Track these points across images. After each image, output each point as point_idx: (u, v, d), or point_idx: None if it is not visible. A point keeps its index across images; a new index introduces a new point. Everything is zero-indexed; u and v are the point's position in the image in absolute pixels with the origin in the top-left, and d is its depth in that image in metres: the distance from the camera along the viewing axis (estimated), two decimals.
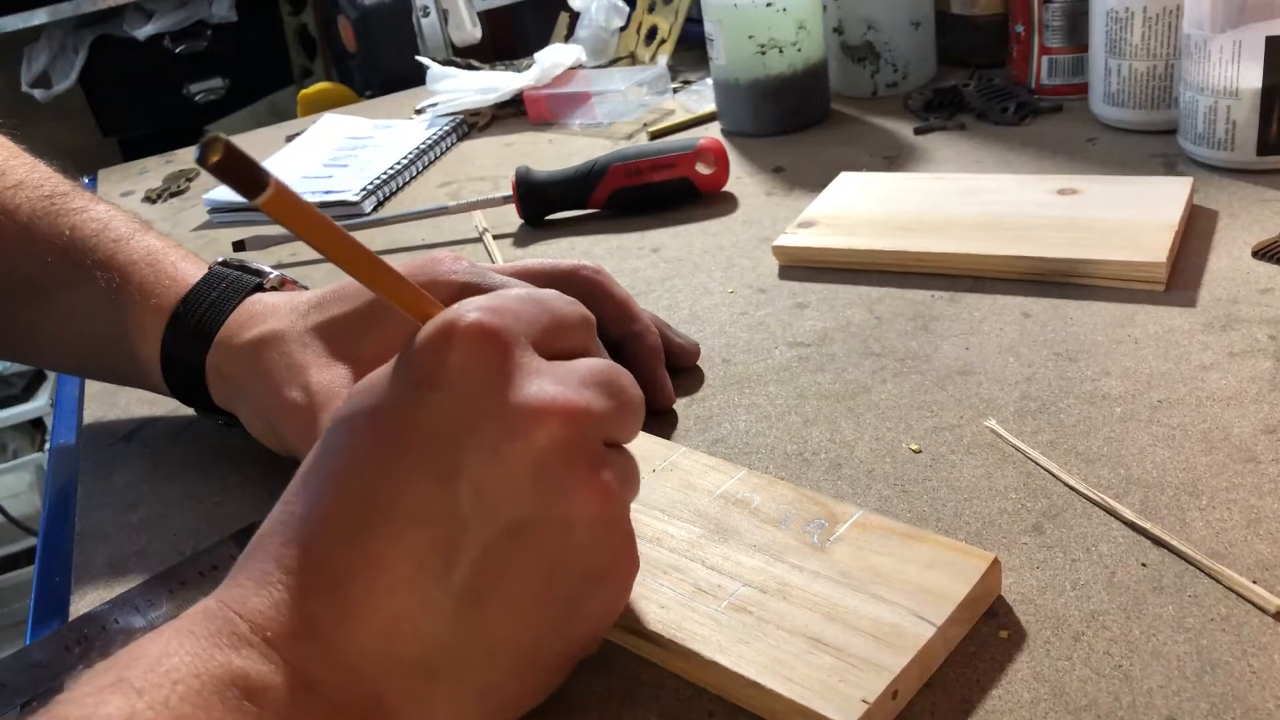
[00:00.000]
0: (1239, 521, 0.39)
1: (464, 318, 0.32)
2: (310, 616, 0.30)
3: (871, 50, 0.88)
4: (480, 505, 0.31)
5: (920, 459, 0.45)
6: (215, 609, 0.30)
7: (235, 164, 0.27)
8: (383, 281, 0.33)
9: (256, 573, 0.31)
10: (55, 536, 0.52)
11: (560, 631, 0.34)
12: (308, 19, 2.09)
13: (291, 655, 0.30)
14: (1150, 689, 0.33)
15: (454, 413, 0.31)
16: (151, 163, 1.07)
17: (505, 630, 0.32)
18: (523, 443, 0.31)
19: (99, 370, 0.57)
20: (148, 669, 0.28)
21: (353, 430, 0.32)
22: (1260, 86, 0.61)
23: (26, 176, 0.55)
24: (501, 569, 0.31)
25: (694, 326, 0.59)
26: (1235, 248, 0.57)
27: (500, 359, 0.32)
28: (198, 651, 0.29)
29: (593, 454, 0.33)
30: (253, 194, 0.28)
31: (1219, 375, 0.47)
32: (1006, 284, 0.57)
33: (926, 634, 0.34)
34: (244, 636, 0.29)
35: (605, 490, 0.32)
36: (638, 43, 1.08)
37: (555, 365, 0.33)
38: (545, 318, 0.35)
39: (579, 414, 0.32)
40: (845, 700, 0.33)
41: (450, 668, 0.31)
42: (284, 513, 0.32)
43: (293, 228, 0.30)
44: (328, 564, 0.30)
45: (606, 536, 0.33)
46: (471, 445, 0.31)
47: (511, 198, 0.75)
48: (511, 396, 0.31)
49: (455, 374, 0.32)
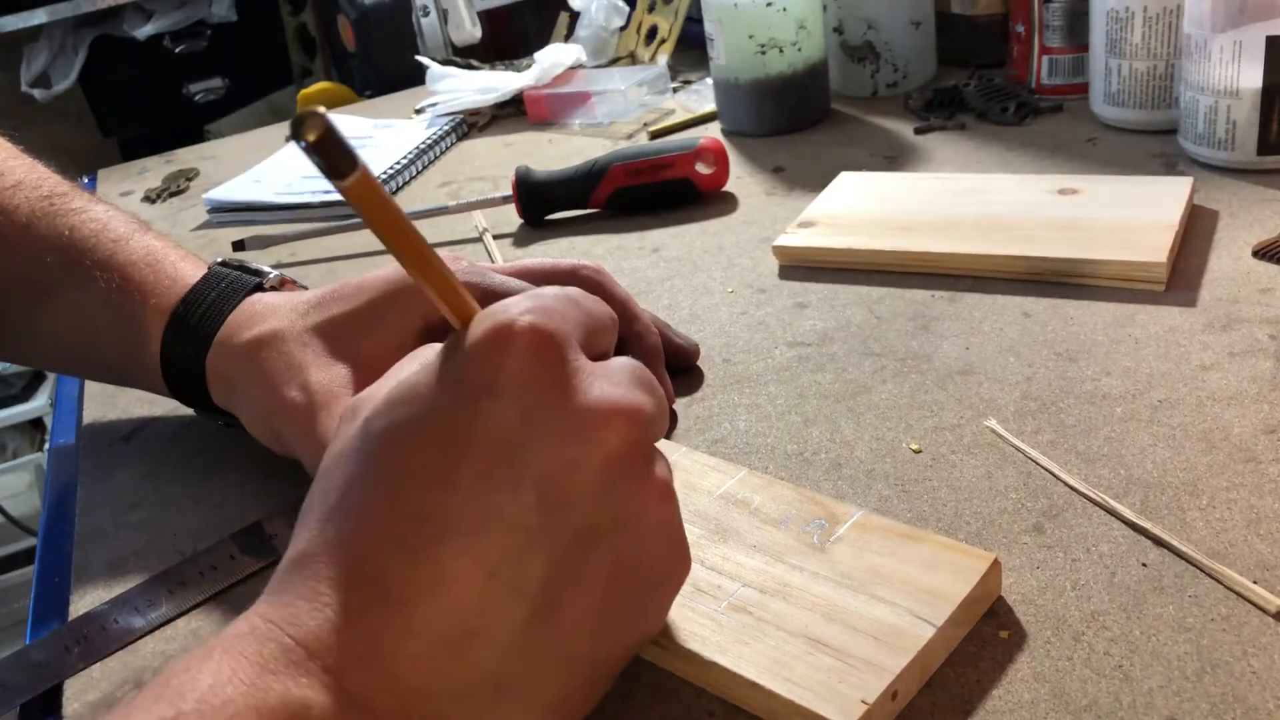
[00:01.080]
0: (1239, 521, 0.39)
1: (518, 321, 0.31)
2: (371, 636, 0.29)
3: (872, 50, 0.88)
4: (550, 512, 0.30)
5: (920, 459, 0.45)
6: (265, 629, 0.29)
7: (329, 144, 0.27)
8: (434, 280, 0.32)
9: (307, 592, 0.30)
10: (55, 536, 0.52)
11: (623, 636, 0.33)
12: (307, 19, 2.09)
13: (349, 682, 0.28)
14: (1150, 689, 0.33)
15: (516, 419, 0.30)
16: (151, 163, 1.07)
17: (573, 639, 0.31)
18: (592, 446, 0.31)
19: (98, 371, 0.57)
20: (202, 699, 0.27)
21: (401, 443, 0.31)
22: (1260, 86, 0.61)
23: (25, 177, 0.55)
24: (572, 575, 0.31)
25: (694, 326, 0.59)
26: (1235, 248, 0.57)
27: (559, 363, 0.31)
28: (254, 680, 0.28)
29: (649, 454, 0.33)
30: (340, 176, 0.28)
31: (1219, 375, 0.47)
32: (1007, 284, 0.57)
33: (926, 635, 0.34)
34: (300, 663, 0.28)
35: (665, 488, 0.32)
36: (638, 42, 1.08)
37: (603, 366, 0.33)
38: (585, 318, 0.34)
39: (639, 415, 0.32)
40: (844, 701, 0.33)
41: (518, 682, 0.30)
42: (328, 531, 0.31)
43: (367, 214, 0.30)
44: (386, 581, 0.29)
45: (667, 536, 0.33)
46: (538, 452, 0.30)
47: (511, 198, 0.75)
48: (575, 401, 0.31)
49: (515, 380, 0.31)
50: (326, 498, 0.32)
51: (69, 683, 0.42)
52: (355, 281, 0.48)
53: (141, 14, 1.99)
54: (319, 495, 0.32)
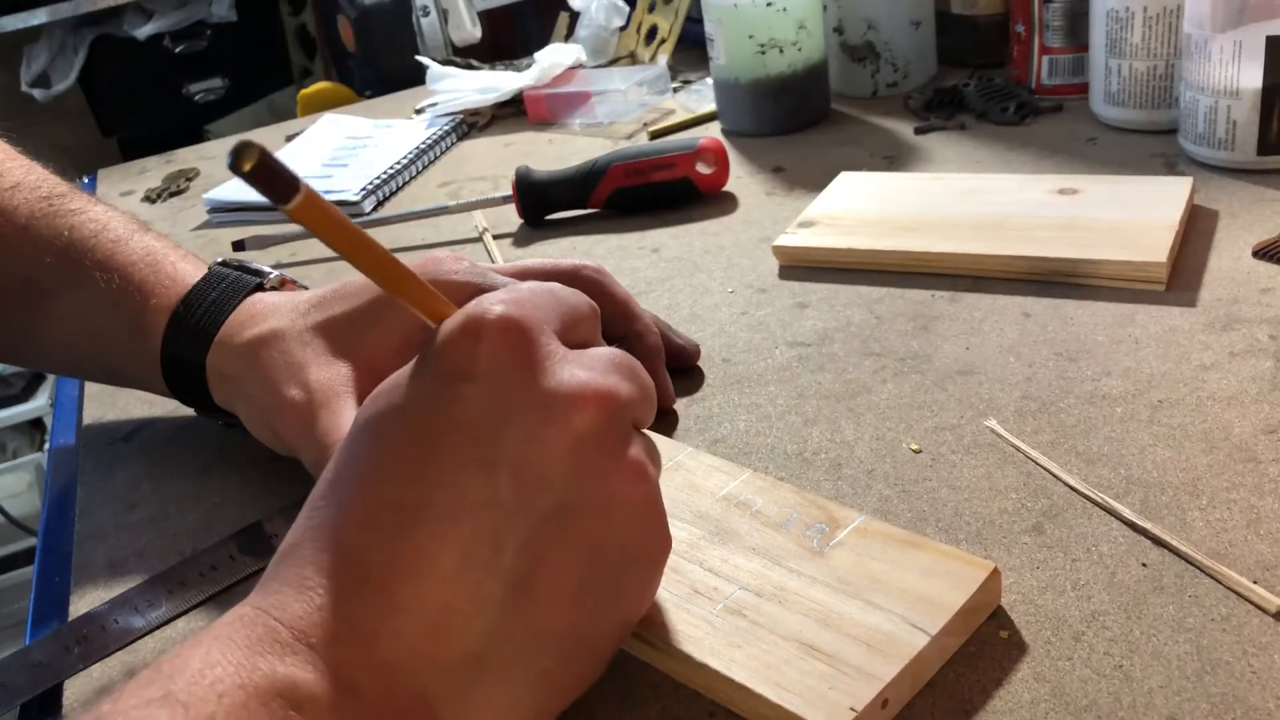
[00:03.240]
0: (1239, 521, 0.39)
1: (490, 310, 0.32)
2: (353, 617, 0.30)
3: (872, 50, 0.88)
4: (523, 491, 0.31)
5: (920, 459, 0.45)
6: (253, 616, 0.30)
7: (268, 171, 0.28)
8: (404, 287, 0.33)
9: (293, 578, 0.31)
10: (55, 536, 0.52)
11: (603, 614, 0.34)
12: (307, 19, 2.09)
13: (335, 660, 0.29)
14: (1150, 689, 0.33)
15: (489, 402, 0.32)
16: (151, 162, 1.07)
17: (552, 616, 0.32)
18: (562, 427, 0.32)
19: (98, 371, 0.57)
20: (192, 681, 0.28)
21: (380, 431, 0.33)
22: (1260, 86, 0.61)
23: (24, 178, 0.55)
24: (546, 554, 0.32)
25: (694, 326, 0.59)
26: (1235, 247, 0.57)
27: (531, 348, 0.32)
28: (241, 661, 0.28)
29: (624, 435, 0.33)
30: (284, 200, 0.28)
31: (1219, 375, 0.47)
32: (1007, 284, 0.57)
33: (920, 643, 0.34)
34: (286, 643, 0.29)
35: (639, 469, 0.33)
36: (638, 42, 1.08)
37: (579, 353, 0.34)
38: (561, 308, 0.35)
39: (611, 397, 0.33)
40: (834, 708, 0.33)
41: (499, 658, 0.31)
42: (314, 518, 0.32)
43: (319, 233, 0.30)
44: (368, 564, 0.30)
45: (642, 516, 0.34)
46: (510, 433, 0.31)
47: (511, 198, 0.75)
48: (546, 383, 0.32)
49: (488, 365, 0.32)
50: (318, 488, 0.33)
51: (69, 683, 0.42)
52: (356, 281, 0.48)
53: (141, 14, 1.99)
54: (316, 486, 0.33)
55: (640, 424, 0.35)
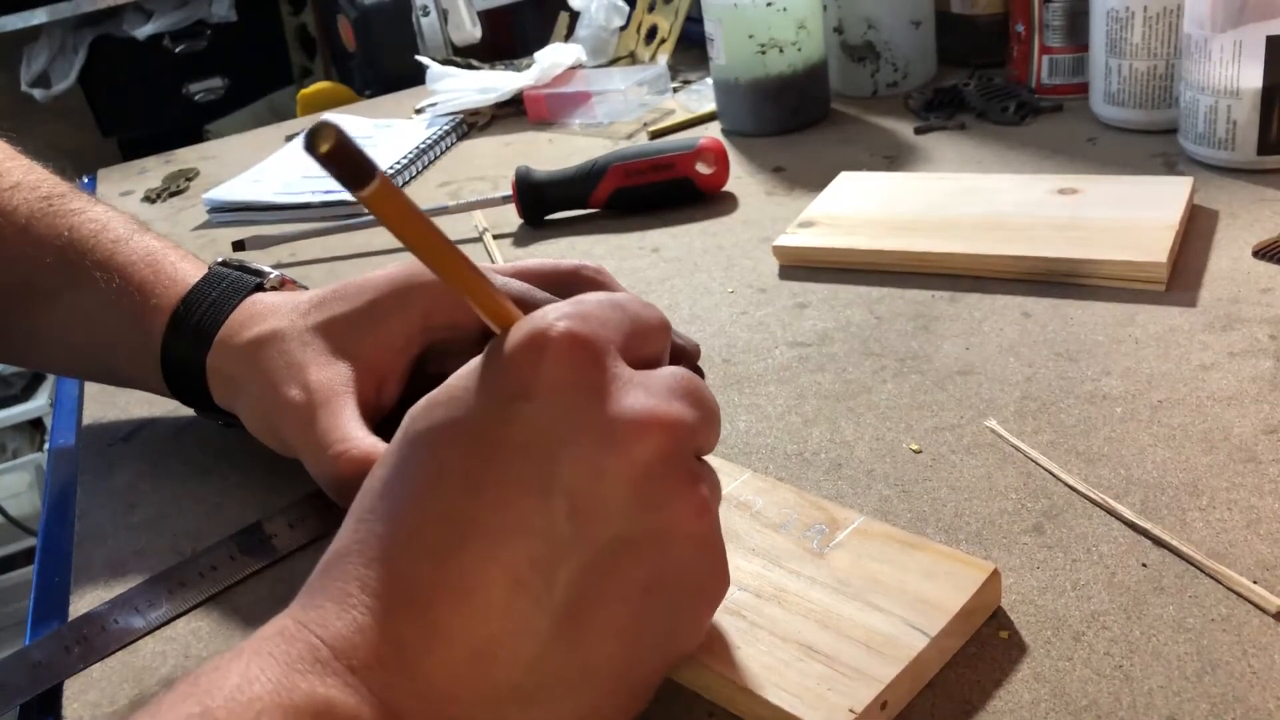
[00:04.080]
0: (1239, 521, 0.39)
1: (554, 326, 0.31)
2: (397, 640, 0.29)
3: (872, 50, 0.88)
4: (579, 522, 0.30)
5: (920, 459, 0.45)
6: (294, 630, 0.29)
7: (344, 154, 0.26)
8: (470, 286, 0.32)
9: (336, 593, 0.30)
10: (55, 537, 0.52)
11: (655, 650, 0.33)
12: (307, 19, 2.09)
13: (377, 684, 0.28)
14: (1150, 689, 0.33)
15: (549, 425, 0.30)
16: (151, 162, 1.07)
17: (603, 651, 0.31)
18: (624, 457, 0.30)
19: (99, 372, 0.57)
20: (230, 698, 0.27)
21: (436, 445, 0.31)
22: (1260, 86, 0.61)
23: (23, 178, 0.55)
24: (601, 587, 0.30)
25: (694, 326, 0.59)
26: (1235, 247, 0.57)
27: (595, 369, 0.31)
28: (280, 679, 0.28)
29: (688, 467, 0.32)
30: (357, 186, 0.27)
31: (1219, 375, 0.47)
32: (1007, 284, 0.57)
33: (919, 645, 0.34)
34: (327, 663, 0.28)
35: (701, 503, 0.32)
36: (638, 42, 1.08)
37: (645, 375, 0.32)
38: (629, 324, 0.33)
39: (676, 427, 0.31)
40: (832, 709, 0.32)
41: (545, 692, 0.30)
42: (361, 531, 0.31)
43: (389, 223, 0.29)
44: (414, 585, 0.29)
45: (702, 552, 0.32)
46: (569, 459, 0.30)
47: (511, 197, 0.75)
48: (609, 409, 0.31)
49: (549, 385, 0.30)
50: (364, 499, 0.32)
51: (69, 683, 0.42)
52: (356, 281, 0.48)
53: (141, 14, 1.99)
54: (361, 496, 0.32)
55: (703, 451, 0.33)
